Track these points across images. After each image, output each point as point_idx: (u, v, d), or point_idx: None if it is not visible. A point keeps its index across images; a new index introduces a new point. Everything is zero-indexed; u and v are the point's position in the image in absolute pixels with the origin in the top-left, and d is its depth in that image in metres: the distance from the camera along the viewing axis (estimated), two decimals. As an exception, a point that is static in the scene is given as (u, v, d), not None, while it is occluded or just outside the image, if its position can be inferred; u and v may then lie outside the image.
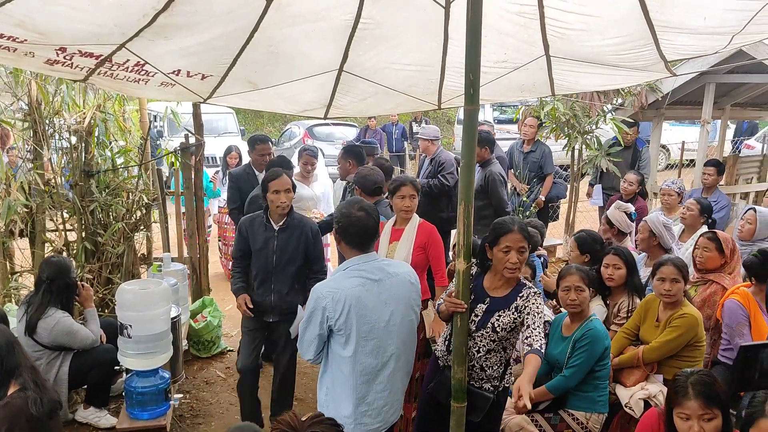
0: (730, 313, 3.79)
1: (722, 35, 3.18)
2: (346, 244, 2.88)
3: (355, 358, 2.78)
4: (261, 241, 4.08)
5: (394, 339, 2.86)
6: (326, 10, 3.10)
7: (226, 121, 15.14)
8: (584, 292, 3.56)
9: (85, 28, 2.82)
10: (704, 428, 2.44)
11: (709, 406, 2.43)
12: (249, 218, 4.20)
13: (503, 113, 17.01)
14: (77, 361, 4.16)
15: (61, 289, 4.16)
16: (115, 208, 5.24)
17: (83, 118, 5.10)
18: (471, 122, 2.62)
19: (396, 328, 2.86)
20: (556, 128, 8.08)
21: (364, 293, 2.76)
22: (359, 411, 2.84)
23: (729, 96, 9.41)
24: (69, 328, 4.09)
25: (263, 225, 4.11)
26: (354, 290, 2.74)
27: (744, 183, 9.75)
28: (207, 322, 5.51)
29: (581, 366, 3.45)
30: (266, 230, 4.10)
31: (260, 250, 4.09)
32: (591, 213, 9.47)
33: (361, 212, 2.85)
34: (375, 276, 2.82)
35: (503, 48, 3.53)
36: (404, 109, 5.13)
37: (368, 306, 2.76)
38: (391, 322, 2.83)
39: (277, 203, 4.01)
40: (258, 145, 5.84)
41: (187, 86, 3.70)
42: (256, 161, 5.78)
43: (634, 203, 5.99)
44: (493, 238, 3.02)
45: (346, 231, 2.85)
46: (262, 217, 4.14)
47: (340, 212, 2.92)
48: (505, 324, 3.02)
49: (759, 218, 4.69)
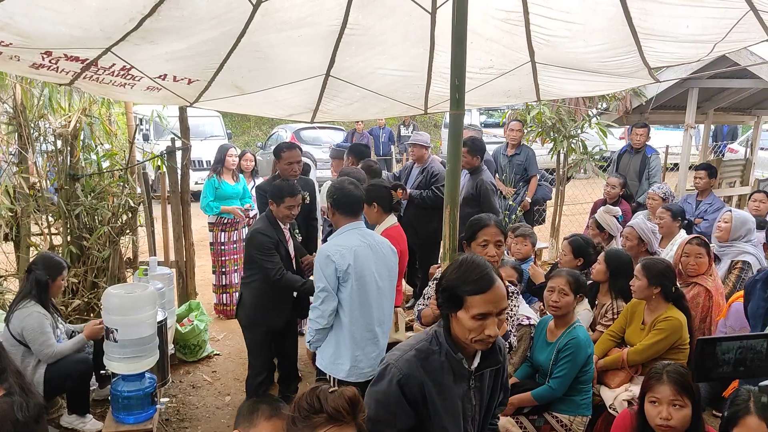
0: (737, 315, 3.83)
1: (704, 43, 3.23)
2: (340, 213, 3.53)
3: (352, 306, 3.37)
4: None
5: (381, 294, 3.47)
6: (313, 16, 3.12)
7: (212, 124, 15.09)
8: (567, 297, 3.59)
9: (70, 32, 2.81)
10: (672, 414, 2.49)
11: (681, 394, 2.48)
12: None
13: (491, 117, 17.09)
14: (52, 369, 4.13)
15: (40, 284, 4.15)
16: (100, 212, 5.22)
17: (68, 121, 5.07)
18: (456, 127, 2.65)
19: (383, 281, 3.47)
20: (542, 132, 8.14)
21: (361, 249, 3.40)
22: (355, 356, 3.41)
23: (712, 101, 9.53)
24: (38, 326, 4.05)
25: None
26: (355, 247, 3.38)
27: (727, 187, 9.87)
28: (193, 326, 5.49)
29: (566, 376, 3.48)
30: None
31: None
32: (577, 216, 9.54)
33: (351, 185, 3.57)
34: (366, 239, 3.46)
35: (489, 54, 3.56)
36: (391, 114, 5.15)
37: (364, 260, 3.38)
38: (378, 277, 3.44)
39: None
40: (285, 152, 5.17)
41: (173, 90, 3.70)
42: (286, 171, 5.12)
43: (617, 206, 6.04)
44: (471, 234, 3.18)
45: (340, 202, 3.50)
46: None
47: (334, 187, 3.58)
48: None
49: (734, 218, 4.77)
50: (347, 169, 5.29)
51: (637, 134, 7.41)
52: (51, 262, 4.26)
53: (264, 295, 4.26)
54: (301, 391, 3.28)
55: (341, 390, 1.86)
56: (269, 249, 4.13)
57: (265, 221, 4.25)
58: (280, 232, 4.24)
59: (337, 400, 1.81)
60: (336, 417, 1.79)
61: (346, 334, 3.43)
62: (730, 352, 1.28)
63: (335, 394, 1.84)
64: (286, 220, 4.27)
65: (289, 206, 4.15)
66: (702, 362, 1.29)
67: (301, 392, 1.89)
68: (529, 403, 3.55)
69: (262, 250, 4.13)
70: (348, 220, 3.53)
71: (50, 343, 4.10)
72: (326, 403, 1.80)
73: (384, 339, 3.57)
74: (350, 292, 3.37)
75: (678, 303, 3.70)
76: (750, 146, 10.73)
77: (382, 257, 3.51)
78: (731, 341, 1.28)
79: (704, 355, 1.28)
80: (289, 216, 4.22)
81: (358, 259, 3.37)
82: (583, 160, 8.05)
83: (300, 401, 1.85)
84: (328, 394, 1.83)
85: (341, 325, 3.44)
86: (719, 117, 10.36)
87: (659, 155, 7.77)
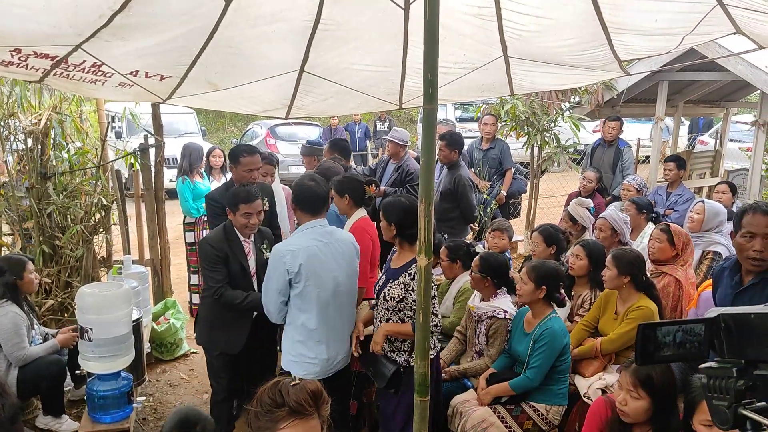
0: (707, 304, 3.90)
1: (673, 36, 3.29)
2: (300, 210, 3.50)
3: (309, 306, 3.36)
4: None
5: (339, 291, 3.44)
6: (285, 12, 3.10)
7: (186, 121, 14.93)
8: (526, 285, 3.64)
9: (39, 29, 2.77)
10: (627, 402, 2.61)
11: (636, 386, 2.59)
12: None
13: (466, 112, 17.16)
14: (25, 371, 4.08)
15: (8, 286, 4.13)
16: (73, 211, 5.16)
17: (39, 119, 5.00)
18: (430, 121, 2.65)
19: (341, 280, 3.44)
20: (516, 126, 8.20)
21: (315, 250, 3.35)
22: (317, 355, 3.40)
23: (681, 93, 9.70)
24: (13, 327, 4.02)
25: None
26: (308, 247, 3.34)
27: (698, 178, 10.05)
28: (170, 325, 5.46)
29: (542, 366, 3.53)
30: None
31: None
32: (551, 209, 9.64)
33: (312, 182, 3.52)
34: (324, 238, 3.42)
35: (462, 49, 3.58)
36: (366, 109, 5.17)
37: (319, 260, 3.35)
38: (336, 277, 3.41)
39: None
40: (244, 157, 4.55)
41: (145, 87, 3.66)
42: (243, 178, 4.54)
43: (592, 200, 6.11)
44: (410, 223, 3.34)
45: (300, 198, 3.47)
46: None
47: (296, 184, 3.56)
48: (394, 295, 3.36)
49: (707, 209, 4.85)
50: (326, 164, 5.24)
51: (609, 127, 7.52)
52: (11, 262, 4.23)
53: (215, 314, 3.90)
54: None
55: (303, 383, 1.86)
56: (212, 261, 3.76)
57: (218, 232, 3.90)
58: (236, 244, 3.86)
59: (299, 394, 1.80)
60: (298, 410, 1.78)
61: (305, 333, 3.41)
62: (670, 335, 1.32)
63: (297, 387, 1.83)
64: (246, 231, 3.86)
65: (245, 214, 3.76)
66: (644, 346, 1.34)
67: (264, 386, 1.88)
68: (507, 392, 3.60)
69: (205, 262, 3.80)
70: (310, 217, 3.49)
71: (23, 345, 4.06)
72: (288, 396, 1.80)
73: (346, 337, 3.57)
74: (306, 292, 3.35)
75: (649, 292, 3.78)
76: (719, 138, 10.94)
77: (342, 255, 3.48)
78: (671, 325, 1.33)
79: (646, 339, 1.33)
80: (248, 225, 3.80)
81: (312, 258, 3.33)
82: (556, 154, 8.14)
83: (262, 395, 1.84)
84: (290, 388, 1.83)
85: (300, 325, 3.42)
86: (689, 109, 10.54)
87: (632, 148, 7.90)
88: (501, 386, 3.61)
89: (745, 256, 2.85)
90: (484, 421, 3.51)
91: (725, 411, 1.25)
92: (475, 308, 4.04)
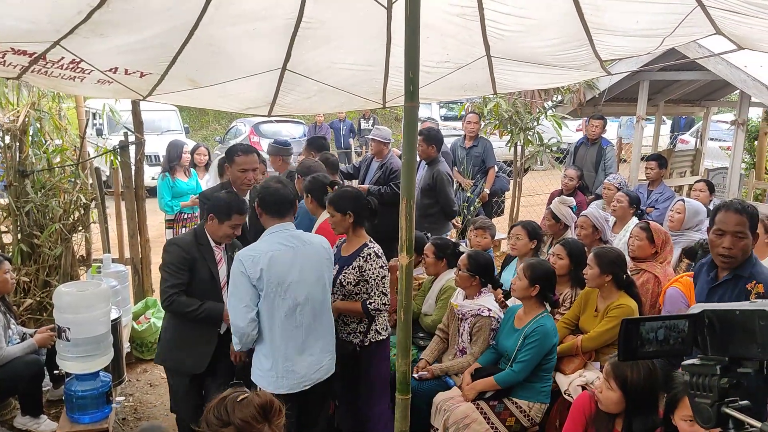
0: (671, 301, 3.94)
1: (654, 37, 3.31)
2: (266, 214, 3.30)
3: (273, 314, 3.13)
4: None
5: (309, 299, 3.22)
6: (267, 9, 3.08)
7: (169, 118, 14.81)
8: (520, 281, 3.72)
9: (17, 25, 2.73)
10: (602, 390, 2.77)
11: (609, 378, 2.73)
12: None
13: (451, 110, 17.19)
14: (2, 371, 4.02)
15: None
16: (51, 209, 5.09)
17: (17, 116, 4.93)
18: (411, 119, 2.66)
19: (309, 287, 3.22)
20: (499, 125, 8.24)
21: (278, 255, 3.13)
22: (285, 367, 3.16)
23: (662, 93, 9.79)
24: None
25: None
26: (270, 252, 3.12)
27: (678, 176, 10.16)
28: (150, 324, 5.41)
29: (530, 361, 3.56)
30: None
31: None
32: (534, 207, 9.69)
33: (278, 184, 3.37)
34: (289, 243, 3.22)
35: (445, 49, 3.58)
36: (349, 108, 5.15)
37: (284, 265, 3.14)
38: (304, 284, 3.19)
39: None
40: (240, 156, 4.33)
41: (125, 84, 3.62)
42: (238, 179, 4.33)
43: (574, 198, 6.16)
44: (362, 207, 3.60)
45: (265, 201, 3.29)
46: None
47: (261, 186, 3.40)
48: (350, 279, 3.54)
49: (687, 208, 4.91)
50: (307, 162, 5.21)
51: (593, 126, 7.60)
52: None
53: (175, 327, 3.67)
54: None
55: (250, 396, 1.76)
56: (177, 264, 3.54)
57: (190, 234, 3.73)
58: (206, 249, 3.66)
59: (244, 410, 1.71)
60: (244, 428, 1.69)
61: (268, 344, 3.17)
62: (653, 331, 1.31)
63: (243, 402, 1.74)
64: (225, 240, 3.71)
65: (235, 225, 3.64)
66: (627, 342, 1.33)
67: (210, 403, 1.77)
68: (492, 387, 3.62)
69: (168, 264, 3.56)
70: (275, 221, 3.28)
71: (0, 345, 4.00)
72: (233, 414, 1.71)
73: (318, 345, 3.30)
74: (269, 299, 3.11)
75: (629, 290, 3.82)
76: (699, 137, 11.06)
77: (311, 261, 3.25)
78: (654, 321, 1.32)
79: (629, 334, 1.32)
80: (231, 236, 3.68)
81: (275, 264, 3.10)
82: (539, 152, 8.18)
83: (208, 415, 1.75)
84: (236, 404, 1.73)
85: (265, 336, 3.17)
86: (670, 108, 10.65)
87: (614, 147, 7.97)
88: (486, 381, 3.63)
89: (716, 252, 2.91)
90: (467, 417, 3.53)
91: (708, 409, 1.24)
92: (458, 306, 4.05)
